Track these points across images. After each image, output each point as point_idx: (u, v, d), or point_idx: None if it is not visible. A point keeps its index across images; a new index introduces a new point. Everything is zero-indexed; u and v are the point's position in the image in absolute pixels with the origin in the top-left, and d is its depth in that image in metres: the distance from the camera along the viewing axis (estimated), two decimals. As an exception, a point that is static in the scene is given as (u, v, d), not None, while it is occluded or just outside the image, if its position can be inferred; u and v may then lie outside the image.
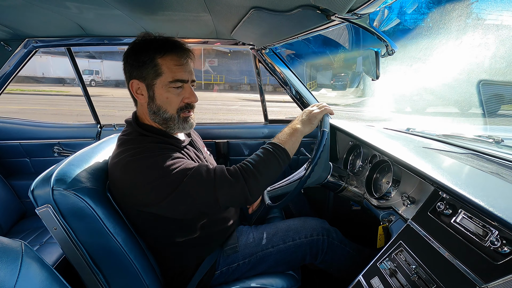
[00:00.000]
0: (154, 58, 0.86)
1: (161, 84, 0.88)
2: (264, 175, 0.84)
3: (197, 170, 0.82)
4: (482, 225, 0.61)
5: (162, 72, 0.87)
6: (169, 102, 0.90)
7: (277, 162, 0.87)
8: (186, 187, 0.79)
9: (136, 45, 0.89)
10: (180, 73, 0.88)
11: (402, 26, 11.56)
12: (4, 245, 0.53)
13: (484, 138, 1.18)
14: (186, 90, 0.91)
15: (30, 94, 13.81)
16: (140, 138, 0.90)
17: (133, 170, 0.81)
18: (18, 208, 1.59)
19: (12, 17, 1.07)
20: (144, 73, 0.87)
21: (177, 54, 0.88)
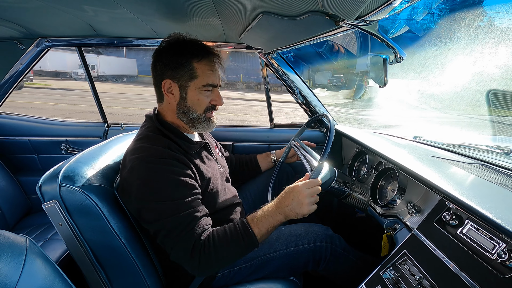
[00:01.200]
0: (190, 62, 0.93)
1: (195, 86, 0.95)
2: (220, 262, 0.86)
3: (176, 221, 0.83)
4: (489, 237, 0.60)
5: (197, 76, 0.94)
6: (199, 103, 0.97)
7: (241, 251, 0.88)
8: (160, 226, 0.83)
9: (171, 46, 0.94)
10: (212, 78, 0.96)
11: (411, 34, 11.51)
12: (10, 240, 0.54)
13: (493, 149, 1.16)
14: (215, 93, 1.00)
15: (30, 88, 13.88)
16: (156, 136, 0.94)
17: (138, 175, 0.85)
18: (24, 204, 1.61)
19: (27, 17, 1.10)
20: (179, 74, 0.93)
21: (211, 60, 0.96)
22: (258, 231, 0.88)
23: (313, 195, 0.90)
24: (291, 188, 0.92)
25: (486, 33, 11.71)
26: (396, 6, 0.59)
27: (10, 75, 1.58)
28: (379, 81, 0.88)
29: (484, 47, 10.67)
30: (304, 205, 0.88)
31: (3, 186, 1.50)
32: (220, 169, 1.13)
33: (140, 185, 0.83)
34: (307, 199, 0.88)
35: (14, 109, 1.81)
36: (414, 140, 1.46)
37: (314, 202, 0.90)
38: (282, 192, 0.94)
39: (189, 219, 0.84)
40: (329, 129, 1.02)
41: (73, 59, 17.49)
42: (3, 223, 1.42)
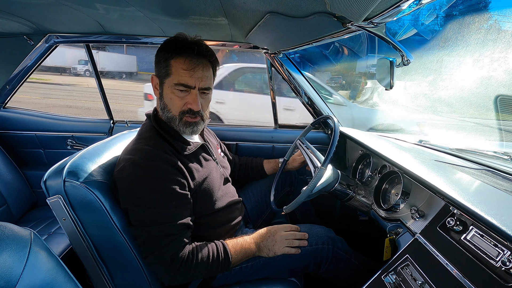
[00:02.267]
0: (168, 58, 0.90)
1: (168, 84, 0.92)
2: (195, 276, 0.90)
3: (158, 230, 0.84)
4: (493, 244, 0.59)
5: (171, 73, 0.91)
6: (172, 103, 0.93)
7: (215, 271, 0.92)
8: (141, 232, 0.85)
9: (163, 43, 0.94)
10: (185, 78, 0.89)
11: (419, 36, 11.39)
12: (14, 233, 0.55)
13: (500, 155, 1.15)
14: (190, 96, 0.93)
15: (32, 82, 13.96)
16: (151, 136, 0.94)
17: (126, 177, 0.86)
18: (29, 198, 1.63)
19: (38, 13, 1.11)
20: (159, 70, 0.93)
21: (188, 59, 0.89)
22: (235, 257, 0.93)
23: (288, 239, 0.99)
24: (271, 227, 1.03)
25: (496, 37, 11.55)
26: (405, 9, 0.59)
27: (19, 70, 1.60)
28: (386, 84, 0.88)
29: (493, 51, 10.51)
30: (277, 244, 0.98)
31: (10, 179, 1.52)
32: (220, 170, 1.12)
33: (127, 187, 0.84)
34: (280, 239, 0.99)
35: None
36: (419, 144, 1.44)
37: (287, 245, 0.99)
38: (264, 228, 1.03)
39: (170, 231, 0.84)
40: (333, 131, 1.02)
41: (73, 55, 17.62)
42: (9, 216, 1.44)
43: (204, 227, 1.00)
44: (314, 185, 0.96)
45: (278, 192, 1.37)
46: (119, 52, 21.78)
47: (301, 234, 1.02)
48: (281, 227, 1.02)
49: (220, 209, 1.04)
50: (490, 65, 9.36)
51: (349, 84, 13.51)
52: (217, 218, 1.04)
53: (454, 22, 12.74)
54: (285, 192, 1.41)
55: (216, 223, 1.04)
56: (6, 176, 1.51)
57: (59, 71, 18.71)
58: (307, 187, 0.96)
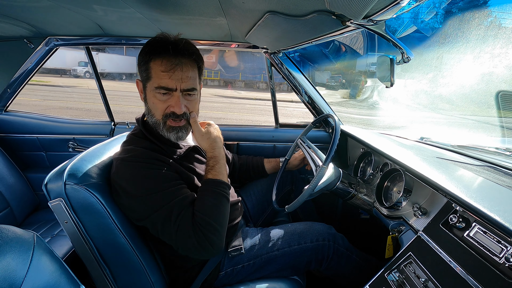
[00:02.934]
0: (148, 61, 0.86)
1: (150, 88, 0.88)
2: (222, 224, 0.86)
3: (167, 210, 0.81)
4: (497, 240, 0.59)
5: (151, 76, 0.86)
6: (155, 107, 0.89)
7: (227, 200, 0.90)
8: (155, 220, 0.82)
9: (144, 45, 0.90)
10: (164, 80, 0.85)
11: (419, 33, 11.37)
12: (18, 236, 0.55)
13: (502, 151, 1.14)
14: (173, 98, 0.88)
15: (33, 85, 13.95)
16: (139, 140, 0.93)
17: (122, 175, 0.85)
18: (32, 200, 1.64)
19: (37, 17, 1.12)
20: (141, 74, 0.90)
21: (167, 60, 0.84)
22: (222, 176, 0.94)
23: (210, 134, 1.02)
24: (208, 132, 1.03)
25: (496, 33, 11.52)
26: (404, 6, 0.58)
27: (19, 74, 1.60)
28: (386, 81, 0.87)
29: (494, 47, 10.49)
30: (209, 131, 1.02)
31: (12, 182, 1.53)
32: None
33: (126, 183, 0.83)
34: (208, 135, 1.01)
35: (23, 107, 1.82)
36: (421, 141, 1.44)
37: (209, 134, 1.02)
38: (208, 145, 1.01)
39: (180, 205, 0.82)
40: (334, 130, 1.02)
41: (73, 56, 17.67)
42: (12, 219, 1.45)
43: None
44: (316, 184, 0.96)
45: (279, 191, 1.37)
46: (118, 53, 21.81)
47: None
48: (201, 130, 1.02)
49: None
50: (491, 61, 9.35)
51: (349, 83, 13.52)
52: None
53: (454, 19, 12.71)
54: (286, 190, 1.41)
55: None
56: (9, 179, 1.52)
57: (59, 73, 18.77)
58: (309, 186, 0.96)
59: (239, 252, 1.01)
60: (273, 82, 1.74)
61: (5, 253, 0.50)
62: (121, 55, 21.85)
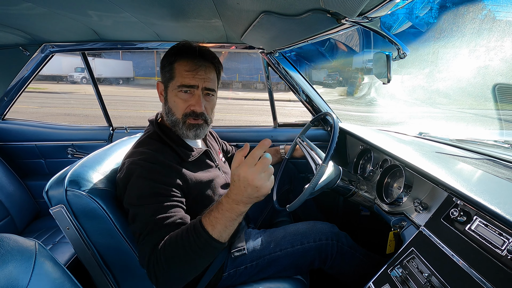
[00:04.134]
0: (171, 62, 0.93)
1: (172, 87, 0.94)
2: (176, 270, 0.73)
3: (145, 224, 0.77)
4: (498, 233, 0.59)
5: (174, 76, 0.92)
6: (176, 106, 0.94)
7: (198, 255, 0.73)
8: (134, 229, 0.80)
9: (168, 50, 0.96)
10: (188, 79, 0.91)
11: (414, 29, 11.40)
12: (19, 244, 0.55)
13: (500, 143, 1.15)
14: (193, 97, 0.94)
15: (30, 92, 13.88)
16: (153, 142, 0.94)
17: (124, 178, 0.85)
18: (32, 208, 1.63)
19: (32, 24, 1.12)
20: (164, 75, 0.95)
21: (191, 60, 0.92)
22: (211, 229, 0.72)
23: (265, 170, 0.69)
24: (237, 176, 0.69)
25: (491, 26, 11.56)
26: (398, 2, 0.59)
27: (16, 81, 1.60)
28: (383, 78, 0.88)
29: (489, 40, 10.53)
30: (260, 188, 0.69)
31: (12, 191, 1.52)
32: (222, 175, 1.11)
33: (128, 187, 0.84)
34: (260, 178, 0.68)
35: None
36: (420, 137, 1.44)
37: (269, 177, 0.70)
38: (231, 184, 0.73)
39: (150, 227, 0.76)
40: (333, 128, 1.02)
41: (69, 62, 17.68)
42: (13, 227, 1.44)
43: None
44: (316, 183, 0.96)
45: (278, 191, 1.37)
46: (115, 58, 21.79)
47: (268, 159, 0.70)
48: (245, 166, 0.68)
49: None
50: (487, 55, 9.38)
51: (346, 80, 13.55)
52: None
53: (449, 13, 12.75)
54: (284, 190, 1.41)
55: None
56: (8, 188, 1.51)
57: (56, 79, 18.76)
58: (309, 184, 0.96)
59: (242, 253, 1.01)
60: (270, 82, 1.75)
61: (7, 262, 0.50)
62: (117, 59, 21.85)
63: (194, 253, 0.72)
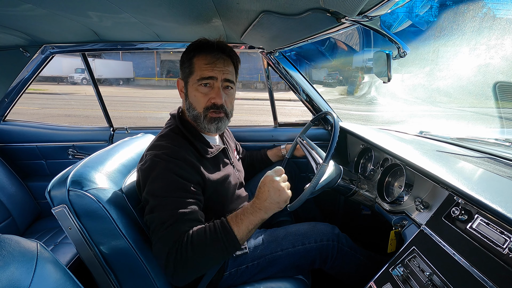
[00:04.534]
0: (191, 58, 0.95)
1: (192, 82, 0.96)
2: (199, 267, 0.80)
3: (167, 216, 0.80)
4: (500, 231, 0.59)
5: (194, 71, 0.95)
6: (197, 100, 0.96)
7: (221, 253, 0.81)
8: (154, 219, 0.82)
9: (188, 46, 0.98)
10: (207, 71, 0.93)
11: (414, 28, 11.38)
12: (21, 245, 0.55)
13: (501, 142, 1.15)
14: (214, 90, 0.96)
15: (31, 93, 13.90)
16: (175, 136, 0.96)
17: (148, 170, 0.87)
18: (34, 209, 1.63)
19: (32, 25, 1.12)
20: (183, 71, 0.98)
21: (210, 54, 0.94)
22: (237, 229, 0.82)
23: (285, 181, 0.87)
24: (263, 182, 0.86)
25: (491, 24, 11.53)
26: (398, 1, 0.58)
27: (16, 83, 1.60)
28: (383, 76, 0.88)
29: (489, 38, 10.50)
30: (282, 191, 0.83)
31: (13, 192, 1.53)
32: (236, 174, 1.13)
33: (149, 178, 0.86)
34: (282, 185, 0.84)
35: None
36: (420, 135, 1.44)
37: (288, 187, 0.86)
38: (257, 190, 0.88)
39: (175, 218, 0.80)
40: (333, 127, 1.02)
41: (69, 63, 17.70)
42: (14, 228, 1.44)
43: None
44: (317, 182, 0.95)
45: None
46: (115, 58, 21.79)
47: (284, 176, 0.88)
48: (272, 173, 0.87)
49: (232, 211, 1.04)
50: (487, 53, 9.35)
51: (347, 79, 13.53)
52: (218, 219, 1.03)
53: (449, 12, 12.73)
54: None
55: None
56: (10, 189, 1.52)
57: (56, 80, 18.77)
58: (310, 184, 0.96)
59: (244, 252, 1.01)
60: (271, 82, 1.75)
61: (8, 264, 0.50)
62: (117, 60, 21.86)
63: (219, 249, 0.80)
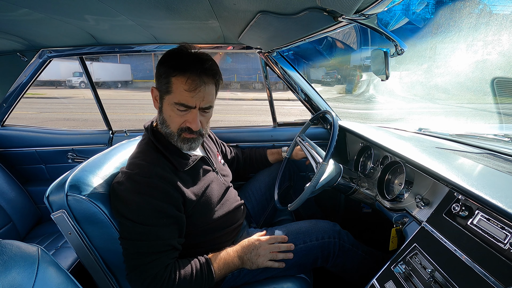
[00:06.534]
0: (169, 74, 0.86)
1: (168, 101, 0.89)
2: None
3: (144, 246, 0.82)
4: (500, 227, 0.59)
5: (171, 91, 0.87)
6: (171, 120, 0.91)
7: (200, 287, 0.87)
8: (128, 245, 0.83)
9: (164, 55, 0.90)
10: (186, 98, 0.86)
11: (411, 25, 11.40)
12: (22, 250, 0.55)
13: (500, 137, 1.15)
14: (190, 115, 0.89)
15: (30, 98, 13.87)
16: (149, 151, 0.93)
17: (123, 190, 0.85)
18: (34, 214, 1.63)
19: (29, 30, 1.12)
20: (159, 84, 0.90)
21: (191, 78, 0.84)
22: (218, 273, 0.91)
23: (272, 251, 0.97)
24: (253, 240, 0.99)
25: (487, 20, 11.56)
26: (395, -2, 0.58)
27: (14, 88, 1.60)
28: (381, 74, 0.88)
29: (486, 35, 10.52)
30: (260, 257, 0.95)
31: (13, 197, 1.52)
32: (220, 179, 1.11)
33: (122, 199, 0.83)
34: (264, 253, 0.96)
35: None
36: (419, 132, 1.44)
37: (270, 258, 0.96)
38: (246, 240, 1.00)
39: (157, 249, 0.83)
40: (332, 126, 1.02)
41: (67, 67, 17.66)
42: (15, 233, 1.44)
43: (205, 233, 1.00)
44: (317, 181, 0.96)
45: (279, 189, 1.37)
46: (112, 61, 21.76)
47: (286, 245, 0.99)
48: (265, 239, 0.99)
49: (221, 217, 1.03)
50: (484, 49, 9.37)
51: (345, 78, 13.53)
52: (220, 224, 1.03)
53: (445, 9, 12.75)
54: (285, 187, 1.41)
55: (219, 228, 1.03)
56: (10, 194, 1.51)
57: (54, 84, 18.73)
58: (310, 183, 0.96)
59: None
60: (269, 82, 1.74)
61: (10, 269, 0.50)
62: (115, 63, 21.84)
63: (197, 284, 0.86)
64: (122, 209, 0.83)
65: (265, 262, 0.95)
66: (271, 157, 1.49)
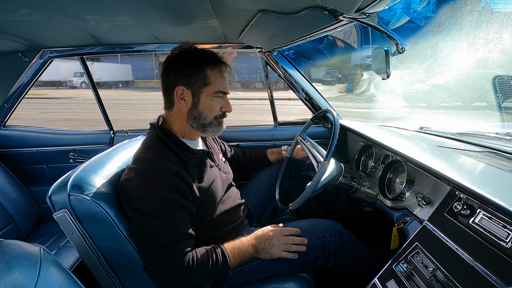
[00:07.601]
0: (204, 69, 0.95)
1: (207, 93, 0.97)
2: (195, 283, 0.87)
3: (161, 238, 0.84)
4: (502, 225, 0.59)
5: (210, 83, 0.96)
6: (211, 109, 0.99)
7: (215, 277, 0.90)
8: (144, 240, 0.84)
9: (185, 54, 0.96)
10: (223, 85, 0.99)
11: (412, 24, 11.37)
12: (24, 250, 0.55)
13: (502, 136, 1.15)
14: (225, 100, 1.03)
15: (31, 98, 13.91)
16: (157, 146, 0.95)
17: (133, 186, 0.86)
18: (36, 214, 1.64)
19: (30, 30, 1.12)
20: (192, 81, 0.95)
21: (222, 68, 0.99)
22: (233, 261, 0.92)
23: (286, 243, 0.98)
24: (268, 229, 1.01)
25: (489, 18, 11.51)
26: (396, -3, 0.58)
27: (16, 88, 1.60)
28: (382, 73, 0.87)
29: (487, 33, 10.48)
30: (274, 247, 0.97)
31: (15, 197, 1.53)
32: (223, 176, 1.13)
33: (133, 195, 0.84)
34: (278, 243, 0.97)
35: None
36: (421, 131, 1.44)
37: (284, 249, 0.97)
38: (260, 230, 1.02)
39: (173, 240, 0.84)
40: (333, 125, 1.02)
41: (68, 68, 17.70)
42: (17, 233, 1.45)
43: (208, 231, 1.02)
44: (318, 180, 0.96)
45: (280, 188, 1.37)
46: (113, 61, 21.78)
47: (300, 239, 1.00)
48: (279, 230, 1.01)
49: (223, 213, 1.05)
50: (486, 47, 9.33)
51: (346, 77, 13.51)
52: (221, 221, 1.05)
53: (446, 7, 12.71)
54: (285, 187, 1.42)
55: (220, 226, 1.05)
56: (12, 194, 1.52)
57: (55, 85, 18.78)
58: (311, 182, 0.96)
59: None
60: (270, 81, 1.74)
61: (12, 268, 0.50)
62: (116, 63, 21.87)
63: (214, 273, 0.88)
64: (134, 205, 0.84)
65: (278, 253, 0.96)
66: (271, 156, 1.49)
